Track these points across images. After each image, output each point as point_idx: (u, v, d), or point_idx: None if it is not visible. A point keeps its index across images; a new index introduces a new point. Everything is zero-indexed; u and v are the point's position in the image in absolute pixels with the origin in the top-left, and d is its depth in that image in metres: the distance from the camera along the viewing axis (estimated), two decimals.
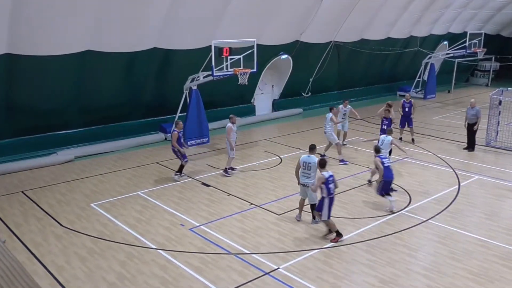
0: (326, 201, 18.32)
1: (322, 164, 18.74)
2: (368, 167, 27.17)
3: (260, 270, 16.43)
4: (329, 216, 18.54)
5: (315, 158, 19.80)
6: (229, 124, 26.42)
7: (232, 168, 26.78)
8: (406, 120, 33.16)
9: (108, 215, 21.13)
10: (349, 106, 31.84)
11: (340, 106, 31.64)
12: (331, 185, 18.36)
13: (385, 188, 21.49)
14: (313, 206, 20.03)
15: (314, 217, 20.22)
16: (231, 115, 26.89)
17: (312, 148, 20.35)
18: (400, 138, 32.22)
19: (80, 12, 26.20)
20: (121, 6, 27.45)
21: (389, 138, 24.86)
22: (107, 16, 27.42)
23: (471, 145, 30.90)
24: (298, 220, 20.33)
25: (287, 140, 33.65)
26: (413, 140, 32.71)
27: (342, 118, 31.59)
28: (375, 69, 51.95)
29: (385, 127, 29.40)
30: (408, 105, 33.08)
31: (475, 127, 30.23)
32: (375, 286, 15.58)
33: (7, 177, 26.32)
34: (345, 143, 32.09)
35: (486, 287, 15.55)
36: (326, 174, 18.37)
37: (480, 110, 30.46)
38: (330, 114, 28.77)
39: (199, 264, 16.83)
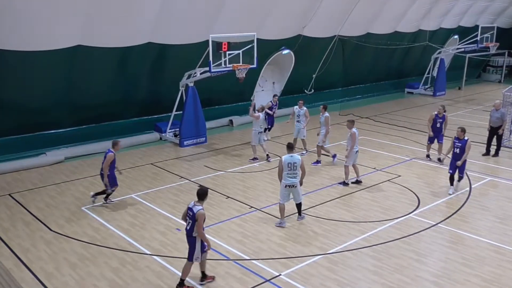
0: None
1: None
2: (374, 168, 27.17)
3: (261, 277, 16.43)
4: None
5: (298, 156, 20.15)
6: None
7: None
8: (436, 136, 29.29)
9: (100, 219, 21.11)
10: (305, 107, 30.49)
11: (295, 107, 30.85)
12: None
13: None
14: (299, 205, 20.62)
15: (300, 213, 20.86)
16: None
17: (291, 147, 20.60)
18: (427, 156, 29.57)
19: (70, 4, 26.14)
20: None
21: None
22: (99, 8, 27.35)
23: (496, 150, 30.39)
24: (283, 227, 20.32)
25: (288, 140, 33.61)
26: (439, 160, 28.80)
27: (297, 121, 30.46)
28: (382, 65, 51.97)
29: (438, 124, 28.96)
30: (441, 120, 29.11)
31: (500, 130, 29.88)
32: None
33: None
34: (303, 152, 30.82)
35: None
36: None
37: (505, 113, 30.21)
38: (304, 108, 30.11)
39: (196, 270, 16.80)
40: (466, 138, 23.45)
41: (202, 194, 16.03)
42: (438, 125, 29.00)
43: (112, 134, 32.19)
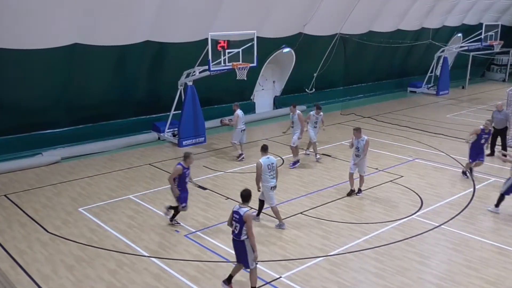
0: None
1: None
2: (376, 169, 27.22)
3: (261, 280, 16.37)
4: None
5: (272, 157, 20.40)
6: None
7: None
8: (479, 153, 26.08)
9: (97, 221, 21.13)
10: (298, 111, 28.88)
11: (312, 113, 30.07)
12: None
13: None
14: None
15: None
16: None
17: (265, 149, 20.68)
18: (464, 172, 26.61)
19: (67, 1, 26.16)
20: None
21: None
22: (97, 6, 27.39)
23: (502, 150, 29.40)
24: (283, 229, 20.30)
25: (289, 140, 33.63)
26: (465, 173, 26.57)
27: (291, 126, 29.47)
28: (384, 64, 52.02)
29: (483, 141, 25.94)
30: (486, 136, 26.15)
31: (509, 131, 29.61)
32: None
33: None
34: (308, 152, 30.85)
35: None
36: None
37: (509, 114, 30.18)
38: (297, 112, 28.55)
39: (195, 273, 16.83)
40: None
41: (246, 196, 15.60)
42: (482, 140, 25.93)
43: (110, 134, 32.39)
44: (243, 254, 15.29)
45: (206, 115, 33.80)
